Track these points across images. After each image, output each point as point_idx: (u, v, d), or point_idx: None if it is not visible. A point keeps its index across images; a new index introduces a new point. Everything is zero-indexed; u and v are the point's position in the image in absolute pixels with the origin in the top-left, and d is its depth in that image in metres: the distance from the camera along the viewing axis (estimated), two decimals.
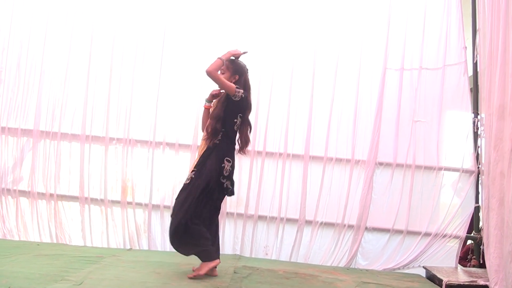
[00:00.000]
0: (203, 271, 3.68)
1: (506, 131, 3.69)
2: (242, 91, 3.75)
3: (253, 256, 4.89)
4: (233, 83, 3.77)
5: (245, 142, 3.92)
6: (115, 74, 5.06)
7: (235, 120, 3.78)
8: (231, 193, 3.85)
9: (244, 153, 4.04)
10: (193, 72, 4.98)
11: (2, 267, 3.66)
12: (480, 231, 4.60)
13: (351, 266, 4.79)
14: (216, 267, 3.77)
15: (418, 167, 4.82)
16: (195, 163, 3.78)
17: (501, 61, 3.77)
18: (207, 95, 3.95)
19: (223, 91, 3.82)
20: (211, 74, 3.69)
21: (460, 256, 4.79)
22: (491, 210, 3.90)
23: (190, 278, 3.66)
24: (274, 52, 4.98)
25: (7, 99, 5.10)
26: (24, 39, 5.10)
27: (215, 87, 3.85)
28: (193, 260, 4.00)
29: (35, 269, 3.67)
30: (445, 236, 4.73)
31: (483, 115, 4.37)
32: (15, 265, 3.77)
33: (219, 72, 3.78)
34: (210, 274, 3.73)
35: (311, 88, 4.93)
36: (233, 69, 3.82)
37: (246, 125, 3.90)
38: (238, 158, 4.69)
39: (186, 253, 3.80)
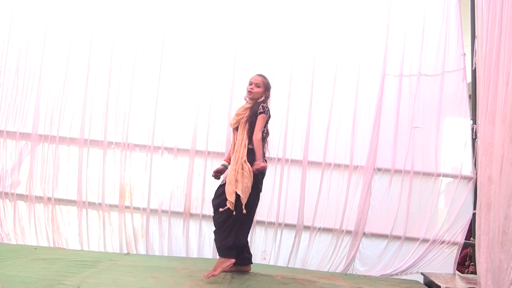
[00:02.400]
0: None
1: (495, 136, 3.71)
2: (267, 115, 4.03)
3: None
4: (264, 97, 4.10)
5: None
6: (114, 78, 5.07)
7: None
8: None
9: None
10: (192, 77, 5.01)
11: None
12: None
13: (348, 272, 4.79)
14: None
15: (417, 173, 4.82)
16: None
17: (494, 67, 3.79)
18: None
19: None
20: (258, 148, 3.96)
21: (458, 262, 4.78)
22: (481, 216, 3.91)
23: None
24: (273, 57, 4.99)
25: (5, 102, 5.10)
26: (23, 43, 5.11)
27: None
28: (190, 265, 4.00)
29: (32, 273, 3.66)
30: (443, 242, 4.73)
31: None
32: (12, 268, 3.76)
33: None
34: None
35: (310, 93, 4.93)
36: (266, 86, 4.12)
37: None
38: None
39: None
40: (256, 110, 3.99)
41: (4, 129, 5.08)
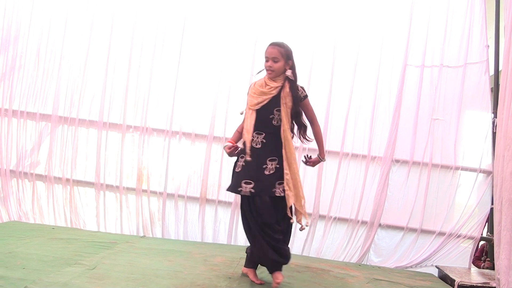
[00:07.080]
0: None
1: None
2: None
3: None
4: (288, 68, 3.41)
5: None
6: (134, 62, 5.09)
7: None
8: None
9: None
10: (212, 63, 5.00)
11: (17, 248, 3.72)
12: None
13: (363, 263, 4.78)
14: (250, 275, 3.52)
15: (435, 165, 4.77)
16: None
17: None
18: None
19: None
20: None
21: (475, 256, 4.75)
22: (501, 211, 3.86)
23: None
24: (293, 45, 4.89)
25: (26, 84, 5.15)
26: (44, 25, 5.15)
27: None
28: (205, 250, 4.02)
29: (49, 252, 3.72)
30: (459, 236, 4.69)
31: None
32: (29, 247, 3.82)
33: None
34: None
35: (330, 82, 4.89)
36: (286, 55, 3.42)
37: None
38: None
39: None
40: (298, 95, 3.41)
41: (24, 110, 5.13)
